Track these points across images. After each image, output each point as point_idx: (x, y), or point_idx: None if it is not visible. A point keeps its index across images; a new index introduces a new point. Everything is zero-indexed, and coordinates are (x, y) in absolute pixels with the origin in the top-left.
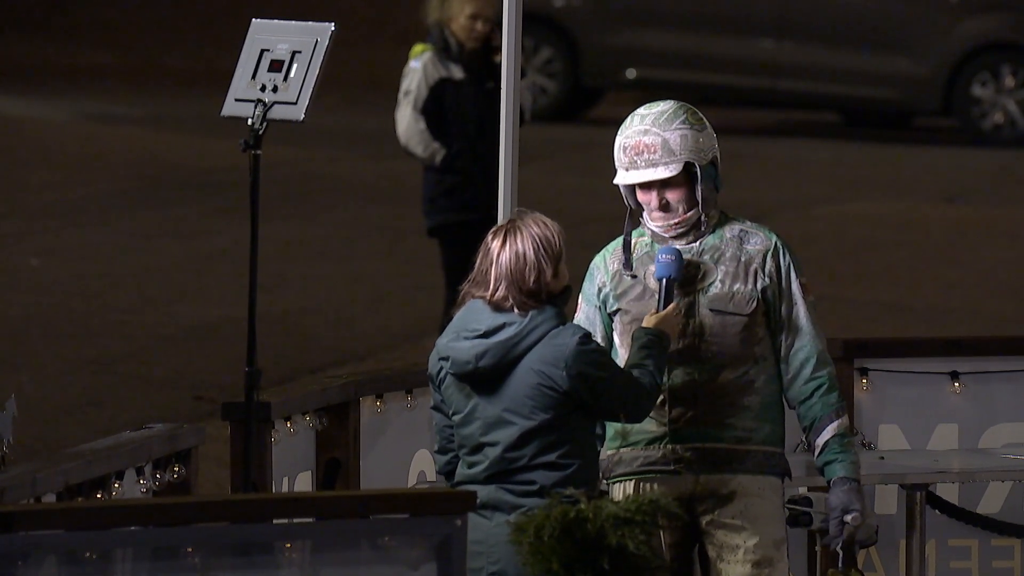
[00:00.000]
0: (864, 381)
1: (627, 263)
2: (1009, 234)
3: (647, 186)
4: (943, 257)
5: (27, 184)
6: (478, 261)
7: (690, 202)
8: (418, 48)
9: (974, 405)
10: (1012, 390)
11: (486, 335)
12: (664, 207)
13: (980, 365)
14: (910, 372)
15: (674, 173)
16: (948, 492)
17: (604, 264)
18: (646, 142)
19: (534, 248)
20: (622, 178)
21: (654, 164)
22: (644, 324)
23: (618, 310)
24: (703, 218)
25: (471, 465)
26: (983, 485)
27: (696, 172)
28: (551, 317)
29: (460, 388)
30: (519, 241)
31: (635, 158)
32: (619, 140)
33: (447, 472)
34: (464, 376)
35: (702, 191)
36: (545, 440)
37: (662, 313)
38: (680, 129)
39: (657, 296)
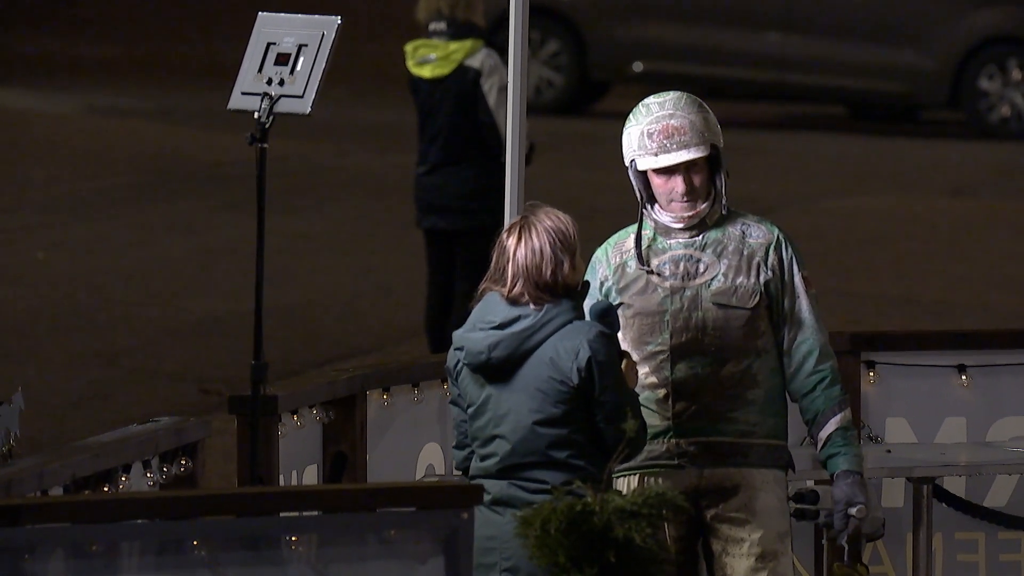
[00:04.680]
0: (871, 374)
1: (640, 257)
2: (1016, 227)
3: (671, 171)
4: (950, 250)
5: (33, 178)
6: (494, 259)
7: (708, 190)
8: (410, 47)
9: (981, 398)
10: (1019, 383)
11: (501, 326)
12: (690, 192)
13: (987, 358)
14: (917, 365)
15: (705, 153)
16: (955, 485)
17: (606, 257)
18: (675, 124)
19: (550, 242)
20: (653, 163)
21: (686, 145)
22: None
23: (620, 304)
24: (724, 204)
25: (484, 458)
26: (990, 478)
27: (717, 156)
28: (567, 310)
29: (474, 380)
30: (534, 236)
31: (665, 141)
32: (639, 128)
33: (464, 468)
34: (477, 367)
35: (717, 179)
36: (555, 436)
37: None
38: (701, 112)
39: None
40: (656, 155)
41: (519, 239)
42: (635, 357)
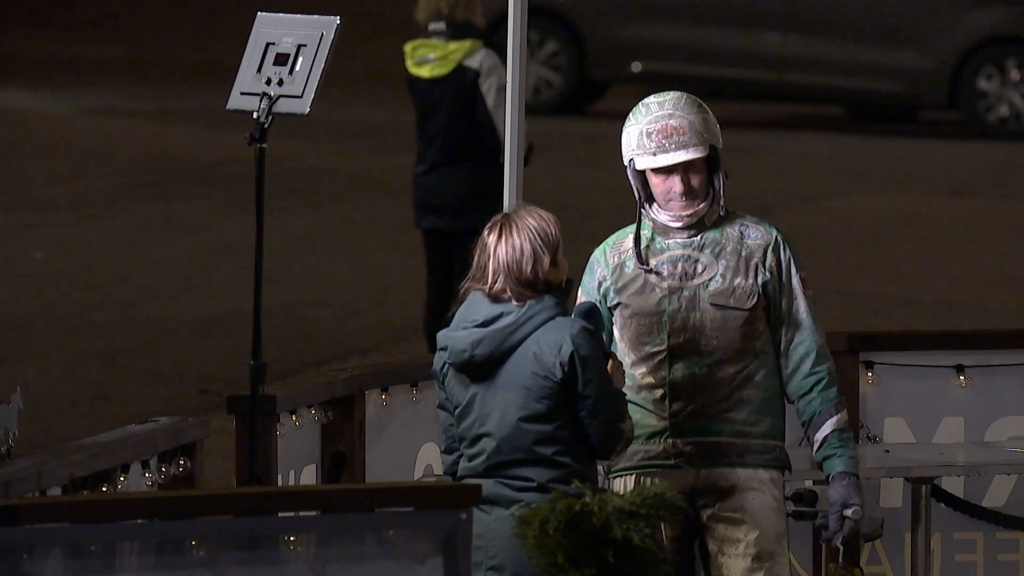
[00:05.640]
0: (870, 374)
1: (639, 256)
2: (1015, 227)
3: (670, 171)
4: (948, 250)
5: (32, 178)
6: (476, 257)
7: (706, 190)
8: (409, 47)
9: (979, 398)
10: (1017, 383)
11: (484, 324)
12: (688, 192)
13: (985, 359)
14: (916, 365)
15: (703, 154)
16: (953, 485)
17: (604, 258)
18: (673, 124)
19: (530, 239)
20: (651, 162)
21: (684, 146)
22: None
23: (618, 304)
24: (722, 205)
25: (471, 458)
26: (988, 478)
27: (717, 157)
28: (549, 307)
29: (459, 380)
30: (515, 234)
31: (663, 141)
32: (638, 127)
33: (452, 472)
34: (461, 366)
35: (716, 180)
36: (540, 432)
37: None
38: (700, 113)
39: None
40: (655, 155)
41: (499, 236)
42: (632, 357)
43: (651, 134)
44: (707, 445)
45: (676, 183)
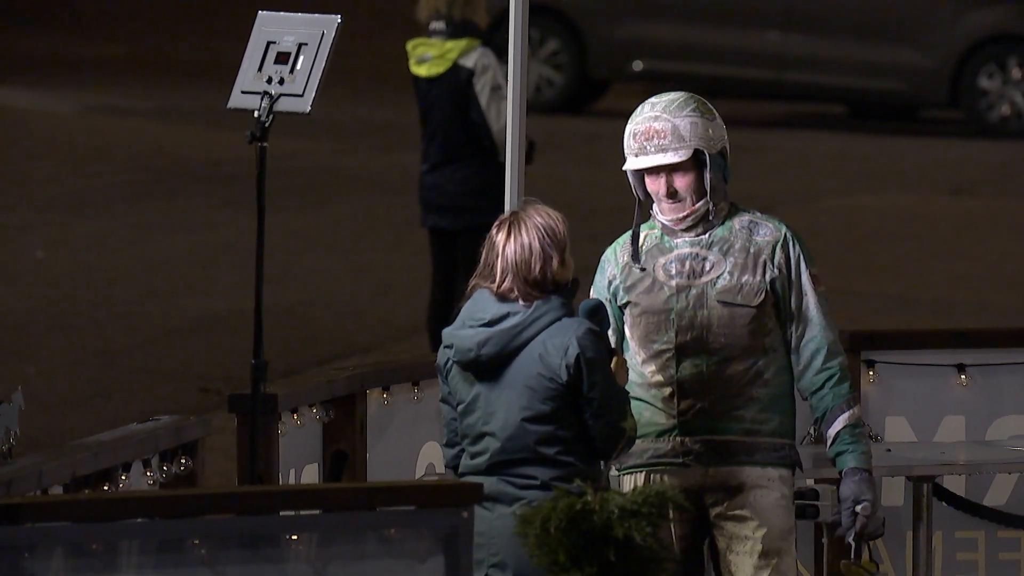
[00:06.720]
0: (871, 373)
1: (635, 255)
2: (1016, 226)
3: (655, 172)
4: (949, 249)
5: (33, 176)
6: (484, 254)
7: (699, 192)
8: (410, 45)
9: (980, 397)
10: (1018, 382)
11: (490, 323)
12: (672, 195)
13: (986, 357)
14: (917, 364)
15: (683, 159)
16: (955, 484)
17: (615, 257)
18: (656, 128)
19: (539, 238)
20: (631, 164)
21: (663, 149)
22: None
23: (628, 303)
24: (711, 208)
25: (473, 456)
26: (989, 477)
27: (705, 160)
28: (556, 307)
29: (464, 377)
30: (524, 232)
31: (645, 143)
32: (629, 127)
33: (455, 466)
34: (467, 364)
35: (711, 181)
36: (544, 432)
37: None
38: (690, 116)
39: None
40: (636, 156)
41: (508, 235)
42: (642, 355)
43: (636, 135)
44: (716, 443)
45: (661, 185)
